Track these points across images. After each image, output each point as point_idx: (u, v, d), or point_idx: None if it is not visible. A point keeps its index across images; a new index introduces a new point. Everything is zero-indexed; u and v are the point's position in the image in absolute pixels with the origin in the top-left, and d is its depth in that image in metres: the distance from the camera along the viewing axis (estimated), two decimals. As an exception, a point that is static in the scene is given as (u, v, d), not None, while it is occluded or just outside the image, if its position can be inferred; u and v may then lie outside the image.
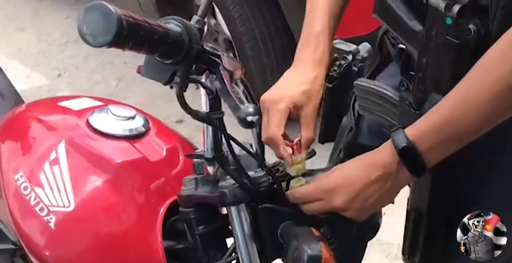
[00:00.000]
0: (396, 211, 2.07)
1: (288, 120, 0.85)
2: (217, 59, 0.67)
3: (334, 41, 0.94)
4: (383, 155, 0.70)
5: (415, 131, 0.68)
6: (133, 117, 1.00)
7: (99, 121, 0.97)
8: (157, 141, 1.00)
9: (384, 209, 1.91)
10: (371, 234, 0.97)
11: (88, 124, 0.97)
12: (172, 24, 0.64)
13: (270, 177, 0.83)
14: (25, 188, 0.90)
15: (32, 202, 0.88)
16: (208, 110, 0.77)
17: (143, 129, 0.99)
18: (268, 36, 2.03)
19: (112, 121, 0.97)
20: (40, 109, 1.11)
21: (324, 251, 0.68)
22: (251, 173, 0.83)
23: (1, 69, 1.49)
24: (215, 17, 2.19)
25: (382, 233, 1.99)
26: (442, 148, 0.68)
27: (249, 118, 0.62)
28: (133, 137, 0.97)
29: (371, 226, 0.95)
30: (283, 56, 2.08)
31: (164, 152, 0.98)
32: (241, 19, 2.03)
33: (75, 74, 3.08)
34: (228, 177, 0.83)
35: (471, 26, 0.67)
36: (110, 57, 3.21)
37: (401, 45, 0.82)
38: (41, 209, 0.87)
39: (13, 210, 0.92)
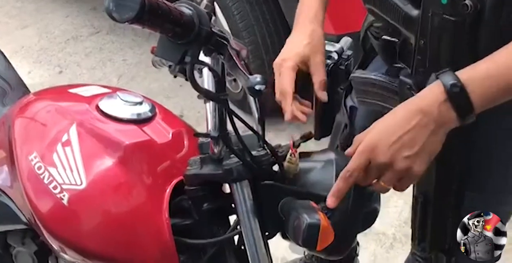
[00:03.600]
0: (391, 202, 2.13)
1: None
2: (224, 41, 0.73)
3: None
4: (419, 99, 0.69)
5: (467, 74, 0.67)
6: (140, 103, 1.04)
7: (108, 105, 1.02)
8: (163, 125, 1.05)
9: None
10: (370, 221, 0.97)
11: (98, 108, 1.02)
12: (184, 7, 0.69)
13: (271, 156, 0.88)
14: (39, 168, 0.94)
15: (46, 181, 0.93)
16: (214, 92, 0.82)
17: (149, 114, 1.04)
18: (267, 32, 2.08)
19: (121, 106, 1.02)
20: (51, 95, 1.15)
21: (323, 220, 0.73)
22: (253, 152, 0.88)
23: (9, 62, 1.53)
24: (214, 13, 2.24)
25: (377, 223, 2.04)
26: (492, 95, 0.67)
27: (257, 87, 0.68)
28: (141, 121, 1.02)
29: (369, 212, 0.95)
30: (281, 51, 2.14)
31: (170, 136, 1.03)
32: (240, 16, 2.08)
33: (76, 71, 3.13)
34: (231, 156, 0.88)
35: (468, 2, 0.68)
36: (111, 55, 3.26)
37: (385, 37, 0.85)
38: (55, 187, 0.92)
39: (27, 190, 0.96)
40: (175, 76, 0.89)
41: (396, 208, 2.00)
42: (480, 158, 0.87)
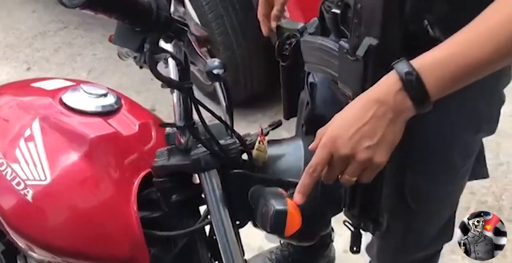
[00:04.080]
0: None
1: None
2: (184, 27, 0.71)
3: (282, 22, 1.03)
4: (376, 90, 0.68)
5: (419, 61, 0.67)
6: (105, 95, 1.02)
7: (72, 99, 0.99)
8: (130, 117, 1.03)
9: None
10: (341, 205, 0.95)
11: (61, 102, 0.99)
12: None
13: (239, 145, 0.87)
14: (1, 164, 0.92)
15: (9, 177, 0.90)
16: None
17: (115, 106, 1.02)
18: (237, 22, 2.06)
19: (85, 98, 1.00)
20: (13, 90, 1.12)
21: (290, 206, 0.72)
22: (221, 141, 0.87)
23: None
24: (184, 5, 2.21)
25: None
26: (447, 82, 0.66)
27: (215, 71, 0.67)
28: (106, 114, 1.00)
29: (340, 197, 0.93)
30: (253, 42, 2.12)
31: (137, 127, 1.01)
32: (209, 6, 2.05)
33: (45, 67, 3.07)
34: (199, 146, 0.87)
35: None
36: (80, 49, 3.20)
37: (334, 10, 0.86)
38: (18, 183, 0.89)
39: (-11, 187, 0.93)
40: (141, 67, 0.87)
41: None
42: (420, 142, 0.87)
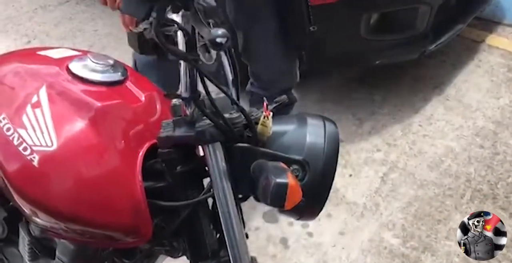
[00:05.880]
0: (362, 172, 2.15)
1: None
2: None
3: None
4: None
5: None
6: (112, 65, 1.03)
7: (79, 67, 1.00)
8: (135, 88, 1.03)
9: (350, 171, 1.98)
10: None
11: (68, 70, 0.99)
12: None
13: (244, 119, 0.88)
14: (8, 129, 0.92)
15: (16, 142, 0.91)
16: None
17: (122, 77, 1.03)
18: None
19: (92, 68, 1.00)
20: (19, 57, 1.12)
21: (291, 179, 0.73)
22: (226, 115, 0.88)
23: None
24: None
25: (349, 193, 2.08)
26: None
27: (219, 40, 0.68)
28: (113, 84, 1.00)
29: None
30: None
31: (143, 98, 1.02)
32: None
33: (45, 40, 3.05)
34: (204, 118, 0.88)
35: None
36: (81, 25, 3.19)
37: None
38: (25, 149, 0.90)
39: (-4, 152, 0.94)
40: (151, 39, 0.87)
41: (367, 179, 2.03)
42: None
